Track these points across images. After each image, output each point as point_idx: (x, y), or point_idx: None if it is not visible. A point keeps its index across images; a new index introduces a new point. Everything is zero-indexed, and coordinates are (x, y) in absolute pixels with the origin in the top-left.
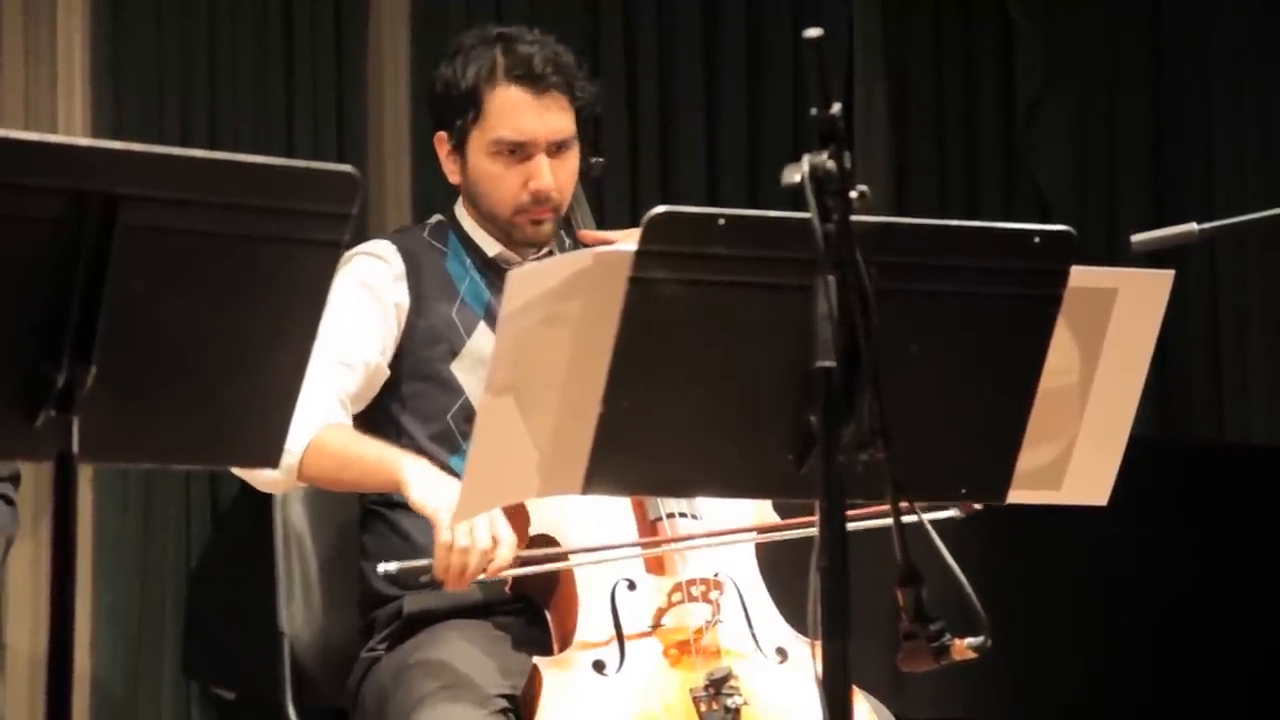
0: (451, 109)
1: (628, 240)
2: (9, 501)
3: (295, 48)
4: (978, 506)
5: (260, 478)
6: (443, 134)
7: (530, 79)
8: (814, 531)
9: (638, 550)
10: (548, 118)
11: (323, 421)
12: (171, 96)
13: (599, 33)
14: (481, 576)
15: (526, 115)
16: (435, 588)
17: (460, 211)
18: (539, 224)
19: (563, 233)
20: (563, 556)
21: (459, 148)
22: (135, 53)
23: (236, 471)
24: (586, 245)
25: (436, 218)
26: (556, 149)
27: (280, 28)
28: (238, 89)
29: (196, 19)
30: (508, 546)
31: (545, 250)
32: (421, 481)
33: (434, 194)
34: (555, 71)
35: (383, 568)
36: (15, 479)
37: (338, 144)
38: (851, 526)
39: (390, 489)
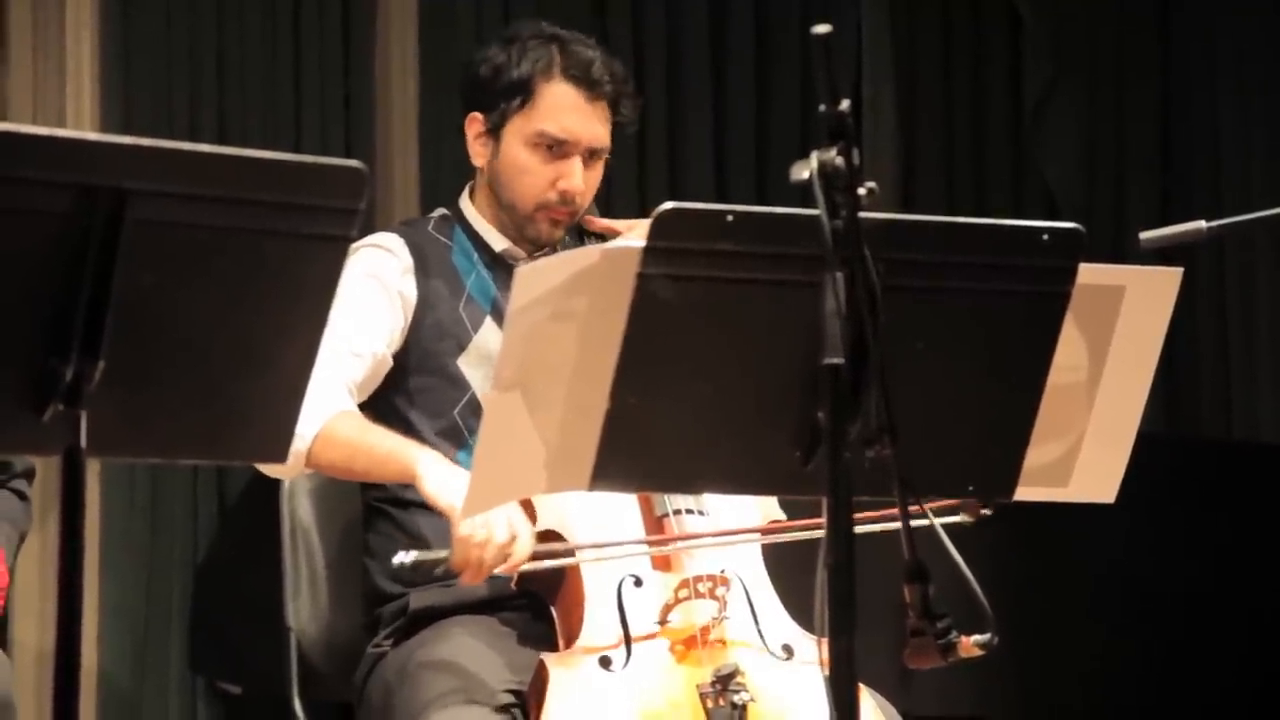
0: (496, 93)
1: (634, 229)
2: (23, 497)
3: (303, 42)
4: (986, 511)
5: (268, 464)
6: (478, 115)
7: (587, 82)
8: (820, 534)
9: (654, 547)
10: (593, 124)
11: (333, 409)
12: (180, 91)
13: (607, 30)
14: (498, 570)
15: (575, 115)
16: (450, 580)
17: (466, 205)
18: (556, 224)
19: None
20: (574, 552)
21: (494, 132)
22: (143, 47)
23: None
24: (592, 231)
25: (440, 211)
26: (590, 156)
27: (288, 22)
28: (246, 83)
29: (204, 13)
30: (525, 541)
31: (549, 247)
32: (436, 476)
33: (441, 187)
34: (610, 82)
35: (399, 559)
36: (30, 475)
37: (345, 138)
38: (862, 529)
39: (402, 480)
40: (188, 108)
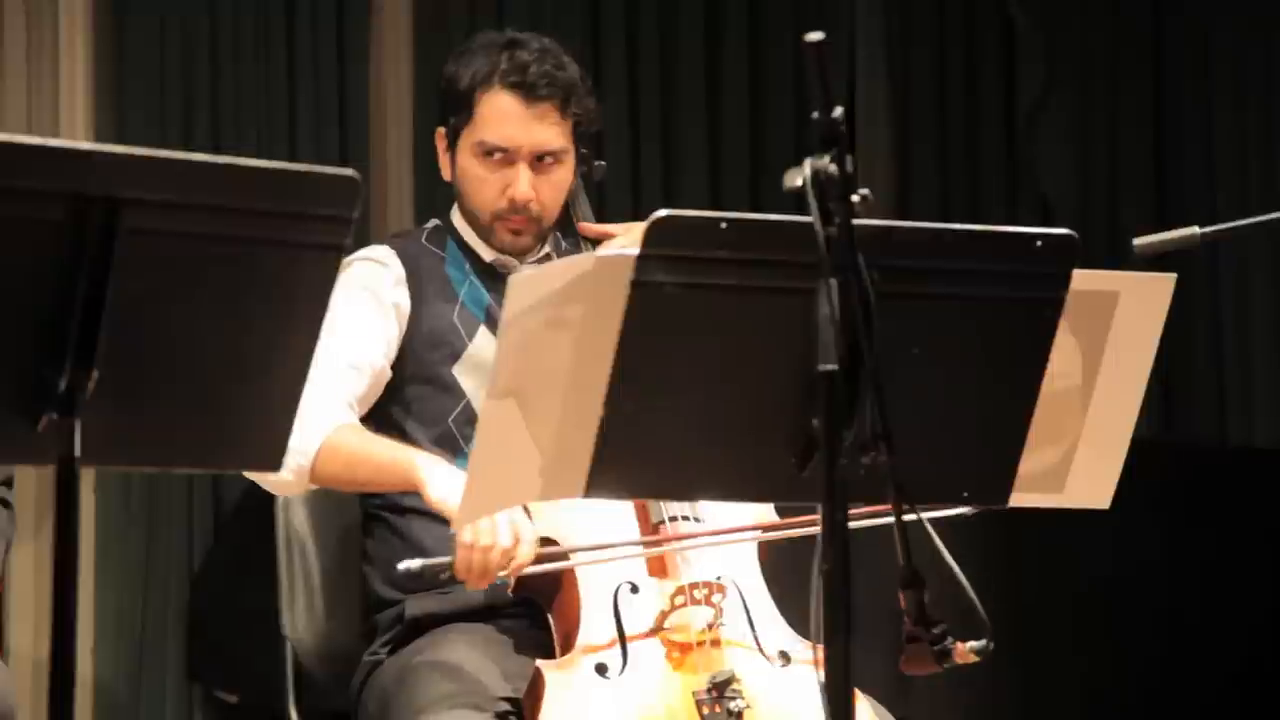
0: (449, 106)
1: (628, 234)
2: (6, 505)
3: (297, 50)
4: None
5: (273, 479)
6: (441, 130)
7: (522, 87)
8: (815, 530)
9: (651, 548)
10: (534, 128)
11: (335, 423)
12: (173, 98)
13: (601, 34)
14: (502, 574)
15: (512, 123)
16: (449, 588)
17: (456, 216)
18: (516, 234)
19: (558, 234)
20: (567, 555)
21: (452, 145)
22: (137, 55)
23: (249, 474)
24: (586, 238)
25: (433, 222)
26: (540, 161)
27: (282, 30)
28: (240, 91)
29: (198, 20)
30: (529, 544)
31: (543, 254)
32: (439, 481)
33: (436, 195)
34: (549, 84)
35: (404, 565)
36: (9, 482)
37: (340, 146)
38: (853, 524)
39: (405, 488)
40: (181, 114)
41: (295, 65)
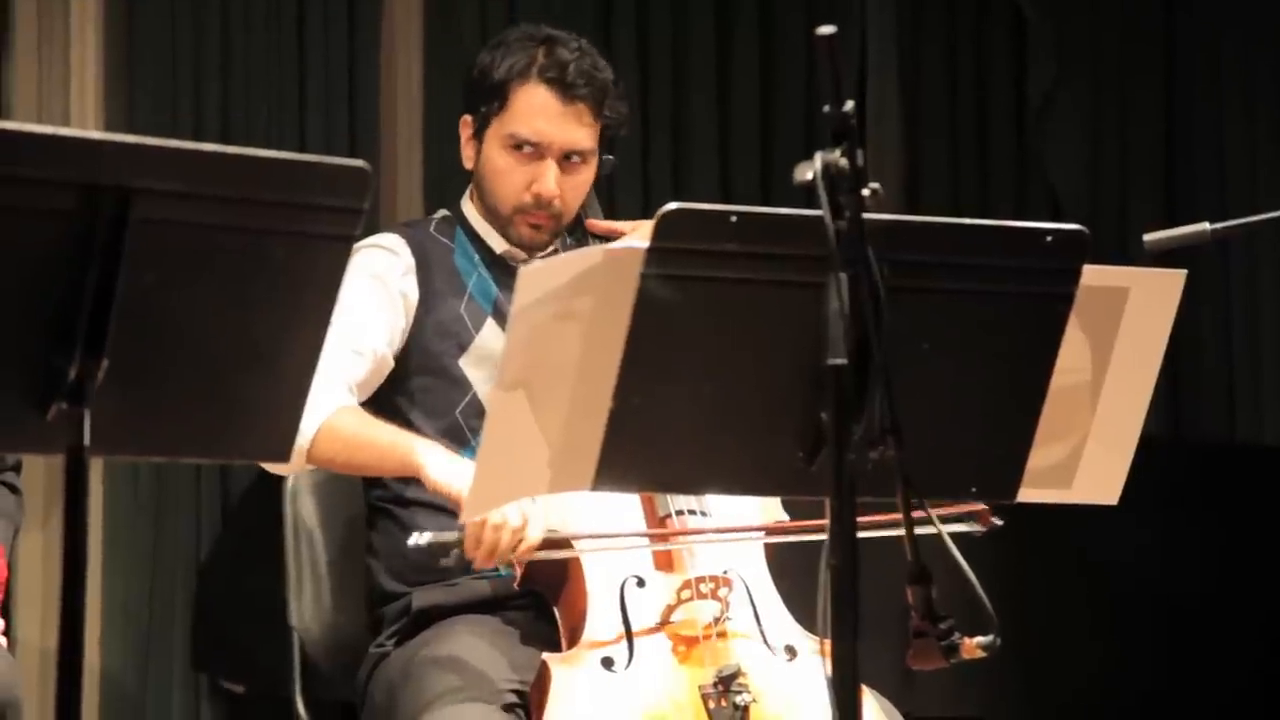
0: (480, 95)
1: (637, 232)
2: (14, 490)
3: (308, 39)
4: (998, 521)
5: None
6: (468, 118)
7: (560, 84)
8: (824, 534)
9: (658, 541)
10: (567, 127)
11: (334, 405)
12: (184, 88)
13: (612, 26)
14: (510, 558)
15: (546, 119)
16: (462, 565)
17: (467, 206)
18: (536, 228)
19: (565, 231)
20: (569, 544)
21: (478, 135)
22: (148, 45)
23: None
24: (595, 234)
25: (442, 212)
26: (568, 160)
27: (293, 21)
28: (250, 81)
29: (209, 11)
30: (538, 526)
31: (551, 250)
32: (439, 464)
33: (446, 185)
34: (586, 84)
35: (414, 540)
36: (18, 467)
37: (350, 136)
38: (867, 534)
39: (405, 472)
40: (192, 106)
41: (306, 56)
